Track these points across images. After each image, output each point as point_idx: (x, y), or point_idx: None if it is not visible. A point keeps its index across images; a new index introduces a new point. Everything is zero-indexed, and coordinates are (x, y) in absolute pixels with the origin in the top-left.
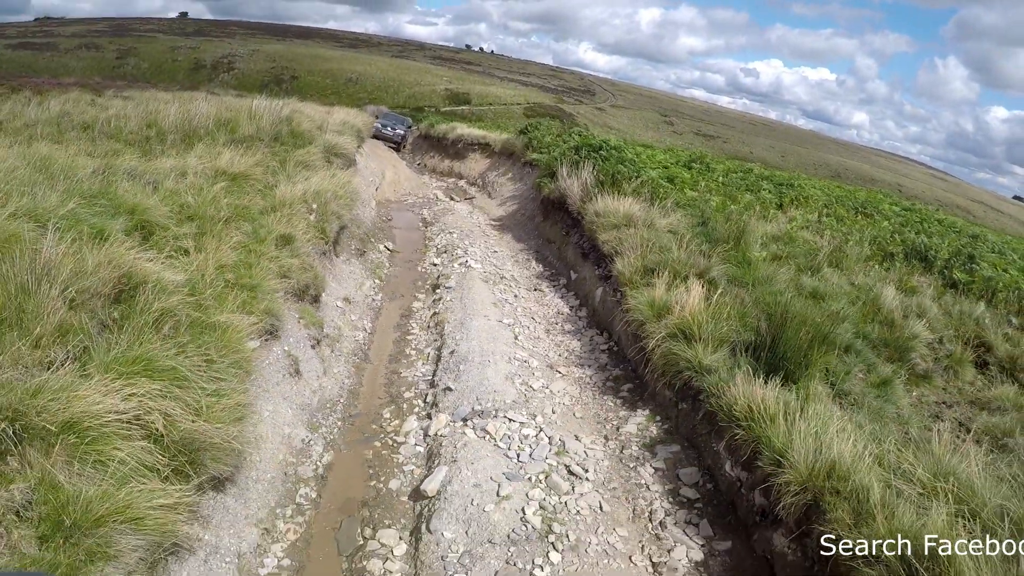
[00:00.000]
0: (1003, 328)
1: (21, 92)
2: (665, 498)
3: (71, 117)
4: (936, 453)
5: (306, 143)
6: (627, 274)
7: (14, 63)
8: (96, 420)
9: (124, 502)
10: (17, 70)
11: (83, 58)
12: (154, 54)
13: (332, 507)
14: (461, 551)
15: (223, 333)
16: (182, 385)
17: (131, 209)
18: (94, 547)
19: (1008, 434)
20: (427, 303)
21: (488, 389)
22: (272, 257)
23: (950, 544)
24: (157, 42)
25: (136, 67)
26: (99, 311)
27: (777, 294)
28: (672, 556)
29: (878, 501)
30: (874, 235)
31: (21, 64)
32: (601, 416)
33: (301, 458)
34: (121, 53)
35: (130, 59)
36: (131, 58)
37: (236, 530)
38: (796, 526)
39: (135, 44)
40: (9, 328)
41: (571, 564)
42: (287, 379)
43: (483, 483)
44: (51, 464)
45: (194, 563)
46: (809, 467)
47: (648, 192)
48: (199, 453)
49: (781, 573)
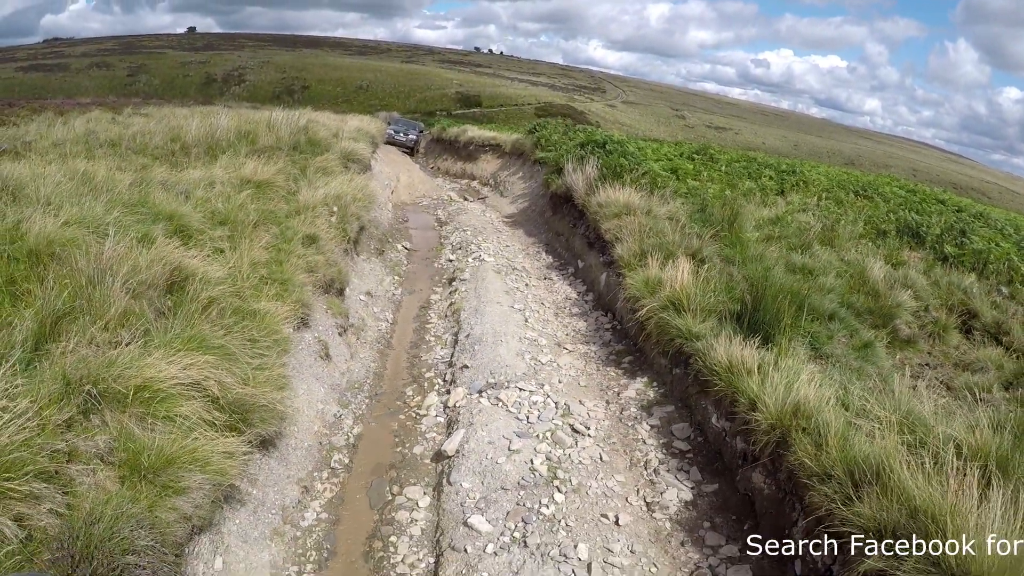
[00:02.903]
0: (992, 297)
1: (43, 113)
2: (659, 450)
3: (97, 135)
4: (897, 395)
5: (323, 150)
6: (626, 257)
7: (26, 85)
8: (162, 384)
9: (190, 447)
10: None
11: (95, 77)
12: (165, 70)
13: (363, 470)
14: (478, 497)
15: (262, 318)
16: (230, 360)
17: (169, 216)
18: (167, 483)
19: (987, 390)
20: (444, 295)
21: (500, 364)
22: (299, 255)
23: (894, 463)
24: (167, 58)
25: (147, 84)
26: (155, 300)
27: (765, 268)
28: (664, 497)
29: (835, 433)
30: (869, 215)
31: (34, 86)
32: (603, 384)
33: (334, 430)
34: (132, 71)
35: (141, 76)
36: (142, 75)
37: (279, 488)
38: (771, 462)
39: (145, 61)
40: (82, 314)
41: (573, 503)
42: (318, 362)
43: (496, 441)
44: (127, 420)
45: (245, 513)
46: (778, 408)
47: (648, 183)
48: (249, 413)
49: (760, 505)
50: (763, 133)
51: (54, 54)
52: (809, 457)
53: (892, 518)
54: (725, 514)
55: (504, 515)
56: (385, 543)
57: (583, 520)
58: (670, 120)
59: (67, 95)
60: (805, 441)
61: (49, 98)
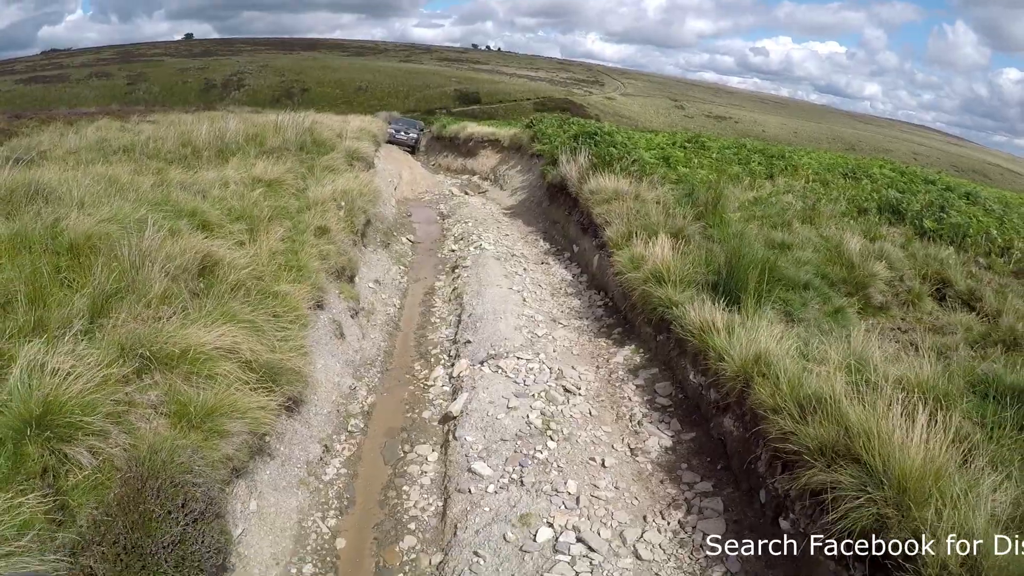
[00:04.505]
0: (969, 268)
1: (52, 124)
2: (643, 405)
3: (109, 142)
4: (851, 345)
5: (328, 150)
6: (615, 238)
7: (28, 97)
8: (202, 349)
9: (230, 399)
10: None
11: (95, 87)
12: (164, 77)
13: (377, 433)
14: (480, 448)
15: (283, 298)
16: (258, 332)
17: (191, 212)
18: (212, 428)
19: (952, 349)
20: (447, 282)
21: (500, 338)
22: (312, 245)
23: (837, 394)
24: (165, 65)
25: (147, 91)
26: (189, 282)
27: (739, 241)
28: (647, 444)
29: (789, 374)
30: (852, 195)
31: (35, 98)
32: (594, 352)
33: (349, 399)
34: (131, 79)
35: (141, 84)
36: (142, 83)
37: (303, 446)
38: (737, 405)
39: (144, 69)
40: (128, 293)
41: (564, 449)
42: (333, 340)
43: (496, 400)
44: (174, 378)
45: (275, 466)
46: (742, 358)
47: (637, 170)
48: (277, 375)
49: (730, 447)
50: (763, 121)
51: (53, 65)
52: (767, 396)
53: (831, 436)
54: (701, 457)
55: (503, 461)
56: (399, 492)
57: (573, 463)
58: (669, 111)
59: (69, 105)
60: (764, 383)
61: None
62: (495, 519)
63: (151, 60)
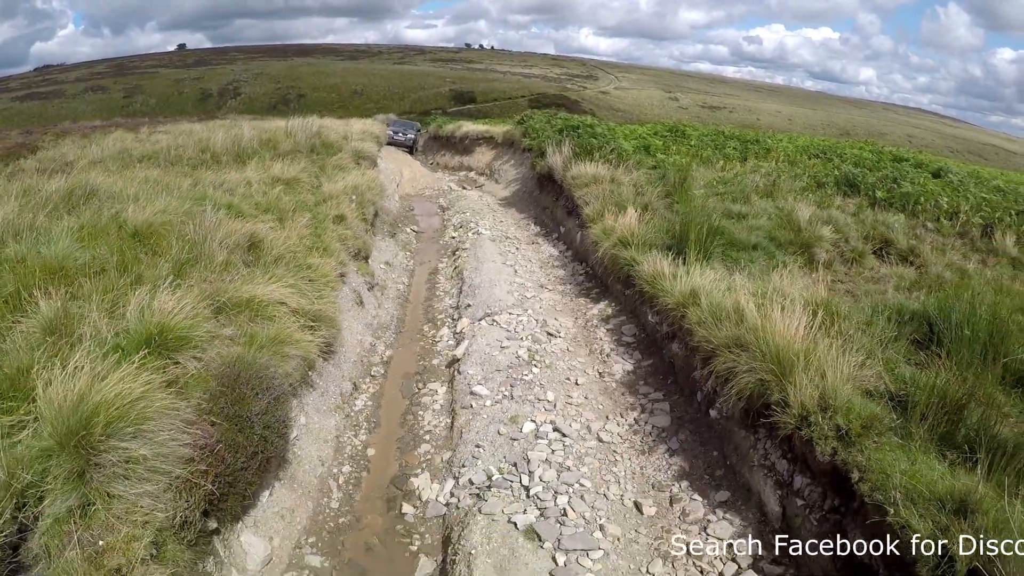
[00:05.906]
0: (917, 230)
1: (67, 137)
2: (612, 343)
3: (129, 152)
4: (772, 279)
5: (336, 151)
6: (591, 215)
7: (25, 115)
8: (262, 299)
9: (286, 332)
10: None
11: (91, 101)
12: (159, 89)
13: (395, 376)
14: (480, 377)
15: (315, 268)
16: (299, 291)
17: (227, 205)
18: (275, 352)
19: (882, 293)
20: (449, 263)
21: (495, 299)
22: (332, 230)
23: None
24: (160, 77)
25: (144, 103)
26: (242, 255)
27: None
28: (612, 368)
29: (711, 300)
30: (815, 172)
31: (32, 115)
32: (574, 309)
33: (370, 353)
34: (128, 92)
35: (137, 96)
36: (138, 95)
37: (337, 383)
38: (679, 331)
39: (139, 81)
40: (197, 261)
41: (546, 373)
42: (355, 306)
43: (492, 343)
44: (243, 319)
45: (316, 395)
46: (682, 293)
47: (615, 157)
48: (317, 322)
49: (677, 365)
50: (757, 109)
51: (47, 81)
52: (695, 317)
53: (733, 334)
54: (656, 376)
55: (498, 384)
56: (415, 416)
57: (552, 381)
58: (664, 103)
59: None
60: (696, 309)
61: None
62: (491, 422)
63: (146, 72)
